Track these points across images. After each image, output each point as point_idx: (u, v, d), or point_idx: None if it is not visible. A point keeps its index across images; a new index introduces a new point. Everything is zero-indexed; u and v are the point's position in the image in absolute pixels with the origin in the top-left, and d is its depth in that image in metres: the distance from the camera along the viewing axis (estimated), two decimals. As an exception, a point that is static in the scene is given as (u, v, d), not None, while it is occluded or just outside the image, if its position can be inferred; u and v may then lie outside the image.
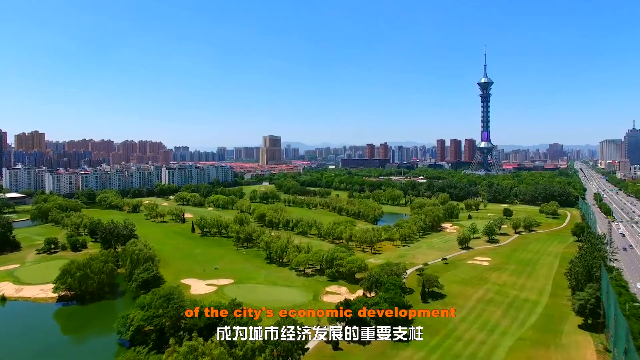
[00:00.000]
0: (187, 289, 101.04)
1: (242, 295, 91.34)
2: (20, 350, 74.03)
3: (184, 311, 75.16)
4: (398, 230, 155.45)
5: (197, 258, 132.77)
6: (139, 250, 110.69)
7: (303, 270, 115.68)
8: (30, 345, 76.07)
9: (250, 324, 65.78)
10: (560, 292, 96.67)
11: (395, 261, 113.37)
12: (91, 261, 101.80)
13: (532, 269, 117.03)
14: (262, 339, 61.31)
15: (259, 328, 62.69)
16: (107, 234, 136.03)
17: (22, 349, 74.32)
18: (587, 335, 73.70)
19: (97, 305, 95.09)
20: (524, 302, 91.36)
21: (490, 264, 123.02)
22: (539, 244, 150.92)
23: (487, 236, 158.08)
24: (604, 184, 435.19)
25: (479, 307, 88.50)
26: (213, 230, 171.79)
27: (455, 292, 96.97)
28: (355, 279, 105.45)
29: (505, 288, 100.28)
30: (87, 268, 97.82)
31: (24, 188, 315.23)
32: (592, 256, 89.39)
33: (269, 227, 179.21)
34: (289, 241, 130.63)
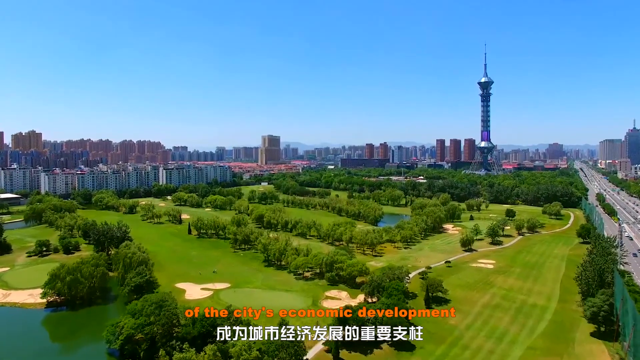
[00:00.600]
0: (182, 294, 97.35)
1: (238, 300, 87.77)
2: (5, 358, 70.34)
3: (176, 319, 71.85)
4: (399, 231, 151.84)
5: (193, 261, 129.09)
6: (132, 253, 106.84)
7: (302, 273, 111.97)
8: (16, 353, 72.35)
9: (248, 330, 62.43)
10: (569, 297, 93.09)
11: (397, 264, 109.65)
12: (82, 265, 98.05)
13: (538, 272, 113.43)
14: (261, 338, 60.47)
15: (258, 328, 62.43)
16: (100, 236, 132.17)
17: (8, 357, 70.61)
18: (601, 343, 70.06)
19: (87, 311, 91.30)
20: (532, 307, 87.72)
21: (494, 266, 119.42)
22: (544, 245, 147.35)
23: (490, 238, 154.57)
24: (605, 184, 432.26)
25: (486, 313, 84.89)
26: (210, 231, 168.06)
27: (460, 297, 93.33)
28: (356, 283, 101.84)
29: (511, 293, 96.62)
30: (77, 272, 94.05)
31: (20, 188, 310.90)
32: (604, 260, 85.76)
33: (268, 228, 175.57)
34: (288, 243, 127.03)
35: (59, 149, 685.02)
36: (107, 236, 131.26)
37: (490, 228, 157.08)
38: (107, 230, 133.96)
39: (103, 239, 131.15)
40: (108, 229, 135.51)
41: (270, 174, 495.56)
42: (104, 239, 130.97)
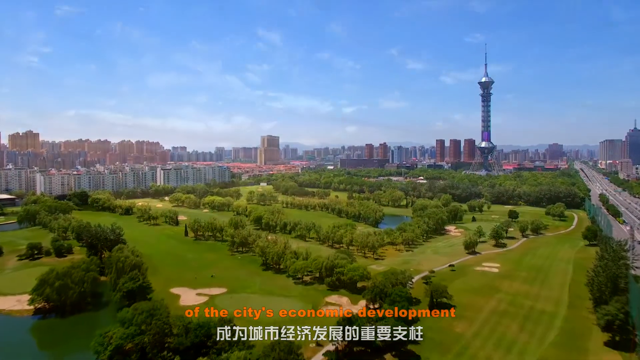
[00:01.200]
0: (176, 300, 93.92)
1: (234, 307, 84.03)
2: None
3: (168, 328, 68.18)
4: (401, 234, 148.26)
5: (189, 264, 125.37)
6: (124, 257, 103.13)
7: (301, 278, 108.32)
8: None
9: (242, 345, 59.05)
10: (578, 302, 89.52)
11: (400, 268, 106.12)
12: (72, 269, 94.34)
13: (545, 277, 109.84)
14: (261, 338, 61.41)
15: (258, 328, 62.60)
16: (93, 238, 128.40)
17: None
18: (617, 354, 66.48)
19: (77, 318, 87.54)
20: (540, 314, 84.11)
21: (500, 270, 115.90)
22: (549, 248, 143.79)
23: (494, 240, 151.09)
24: (607, 185, 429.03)
25: (493, 320, 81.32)
26: (207, 233, 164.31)
27: (466, 302, 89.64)
28: (357, 288, 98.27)
29: (518, 298, 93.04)
30: (67, 277, 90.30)
31: (15, 189, 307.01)
32: (616, 265, 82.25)
33: (266, 230, 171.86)
34: (286, 246, 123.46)
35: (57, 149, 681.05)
36: (101, 239, 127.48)
37: (493, 230, 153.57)
38: (99, 233, 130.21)
39: (96, 241, 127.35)
40: (101, 231, 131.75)
41: (269, 175, 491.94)
42: (97, 242, 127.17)
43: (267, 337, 60.44)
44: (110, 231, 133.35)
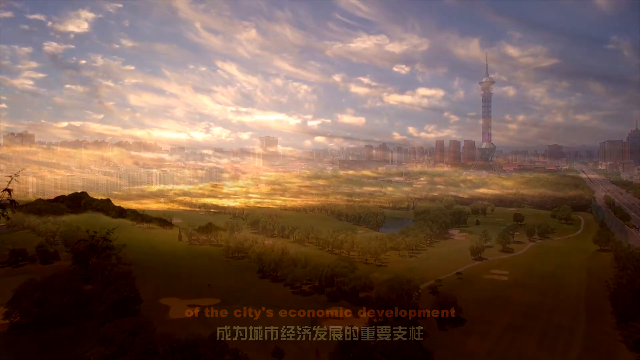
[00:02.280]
0: (165, 312, 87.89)
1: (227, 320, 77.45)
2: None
3: (153, 348, 61.91)
4: (404, 239, 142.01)
5: (181, 271, 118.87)
6: (111, 265, 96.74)
7: (299, 287, 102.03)
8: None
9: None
10: (597, 316, 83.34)
11: (404, 275, 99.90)
12: (54, 279, 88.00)
13: (558, 286, 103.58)
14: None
15: (258, 328, 63.06)
16: (80, 244, 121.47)
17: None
18: (649, 377, 60.52)
19: (58, 333, 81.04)
20: (558, 329, 77.98)
21: (509, 278, 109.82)
22: (559, 254, 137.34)
23: (500, 245, 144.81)
24: (609, 186, 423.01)
25: (507, 335, 75.28)
26: (202, 237, 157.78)
27: (476, 315, 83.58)
28: (359, 298, 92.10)
29: (532, 310, 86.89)
30: (47, 288, 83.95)
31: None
32: (641, 277, 76.18)
33: (263, 234, 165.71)
34: (284, 252, 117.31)
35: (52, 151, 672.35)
36: (87, 244, 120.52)
37: (500, 234, 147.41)
38: (86, 238, 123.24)
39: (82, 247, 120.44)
40: (88, 236, 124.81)
41: (268, 176, 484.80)
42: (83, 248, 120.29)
43: (267, 337, 61.15)
44: (99, 236, 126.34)
